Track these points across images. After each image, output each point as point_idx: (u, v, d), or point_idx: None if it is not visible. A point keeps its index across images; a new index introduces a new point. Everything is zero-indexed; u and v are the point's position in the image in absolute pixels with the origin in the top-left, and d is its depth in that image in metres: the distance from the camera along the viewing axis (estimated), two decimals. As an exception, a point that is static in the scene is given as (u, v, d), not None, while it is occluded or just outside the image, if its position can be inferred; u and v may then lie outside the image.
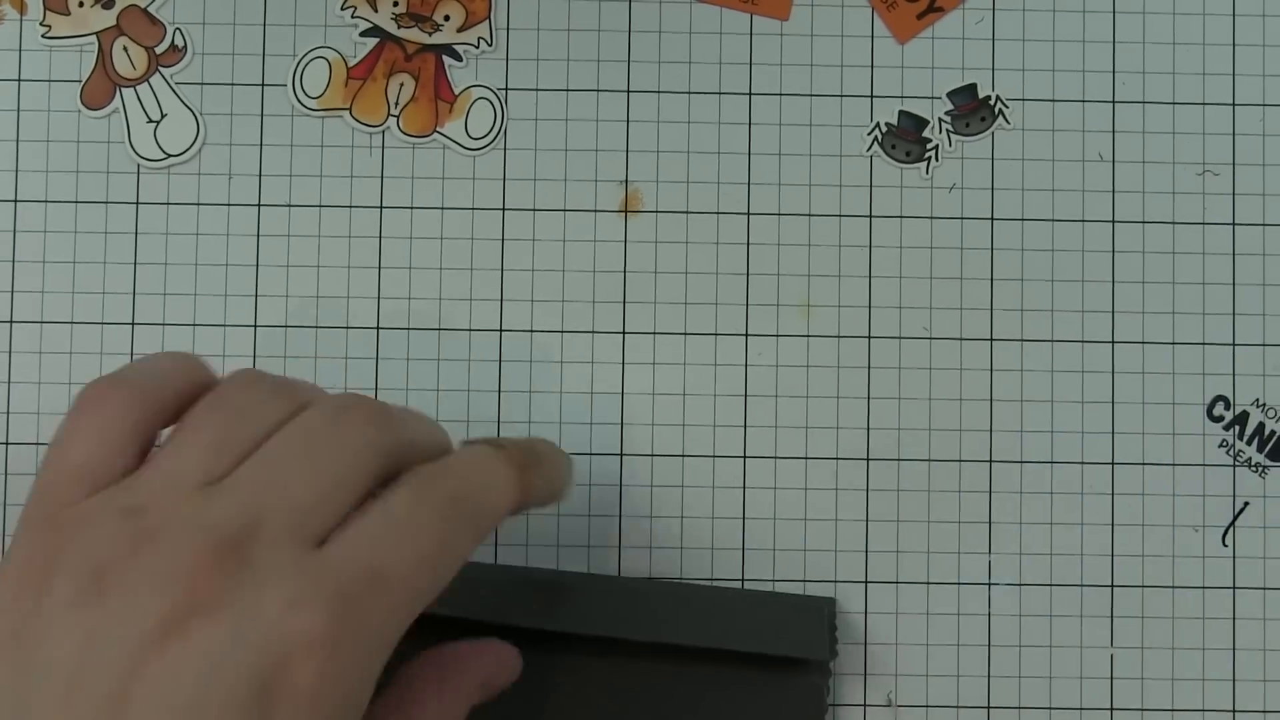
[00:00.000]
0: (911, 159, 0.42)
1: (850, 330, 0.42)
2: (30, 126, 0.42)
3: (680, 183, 0.42)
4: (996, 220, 0.42)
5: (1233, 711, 0.42)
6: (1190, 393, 0.42)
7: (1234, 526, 0.42)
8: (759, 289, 0.42)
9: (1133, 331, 0.42)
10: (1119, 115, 0.43)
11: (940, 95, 0.43)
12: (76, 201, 0.42)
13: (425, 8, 0.42)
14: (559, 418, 0.42)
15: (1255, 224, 0.42)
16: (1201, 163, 0.43)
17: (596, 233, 0.42)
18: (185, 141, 0.42)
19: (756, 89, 0.43)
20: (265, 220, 0.42)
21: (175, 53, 0.42)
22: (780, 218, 0.42)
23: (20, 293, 0.42)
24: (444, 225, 0.42)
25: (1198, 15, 0.43)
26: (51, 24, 0.42)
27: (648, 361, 0.42)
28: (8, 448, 0.41)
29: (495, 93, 0.42)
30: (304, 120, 0.42)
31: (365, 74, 0.42)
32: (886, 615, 0.41)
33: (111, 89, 0.42)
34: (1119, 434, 0.42)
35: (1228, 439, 0.42)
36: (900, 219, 0.42)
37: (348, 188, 0.42)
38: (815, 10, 0.43)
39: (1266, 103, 0.43)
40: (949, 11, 0.43)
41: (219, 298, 0.42)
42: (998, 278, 0.42)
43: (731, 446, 0.42)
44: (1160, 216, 0.42)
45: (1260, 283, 0.42)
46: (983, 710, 0.41)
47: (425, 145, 0.42)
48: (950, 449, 0.42)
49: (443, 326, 0.42)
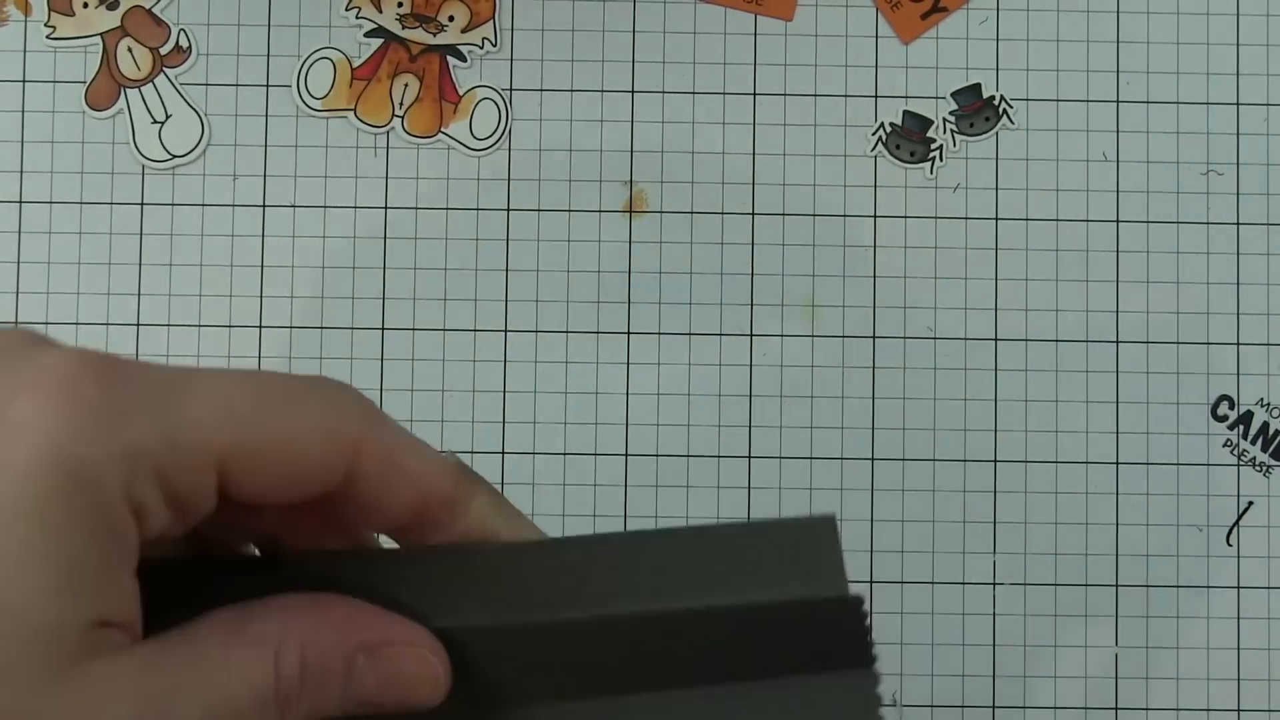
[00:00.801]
0: (916, 159, 0.42)
1: (855, 330, 0.42)
2: (35, 127, 0.42)
3: (685, 183, 0.42)
4: (1001, 220, 0.42)
5: (1237, 711, 0.42)
6: (1195, 392, 0.42)
7: (1238, 526, 0.42)
8: (763, 289, 0.42)
9: (1137, 331, 0.42)
10: (1123, 115, 0.43)
11: (945, 95, 0.43)
12: (81, 203, 0.42)
13: (430, 8, 0.42)
14: (564, 418, 0.42)
15: (1260, 223, 0.42)
16: (1206, 162, 0.43)
17: (601, 233, 0.42)
18: (190, 142, 0.42)
19: (761, 89, 0.43)
20: (270, 221, 0.42)
21: (180, 53, 0.42)
22: (785, 218, 0.42)
23: (25, 294, 0.42)
24: (448, 226, 0.42)
25: (1202, 15, 0.43)
26: (56, 25, 0.42)
27: (652, 362, 0.42)
28: (13, 449, 0.41)
29: (500, 93, 0.42)
30: (309, 121, 0.42)
31: (370, 75, 0.42)
32: (891, 615, 0.41)
33: (116, 90, 0.42)
34: (1123, 434, 0.42)
35: (1232, 439, 0.42)
36: (905, 219, 0.42)
37: (352, 188, 0.42)
38: (819, 11, 0.43)
39: (1270, 102, 0.43)
40: (953, 12, 0.43)
41: (224, 298, 0.42)
42: (1002, 277, 0.42)
43: (736, 447, 0.42)
44: (1165, 216, 0.42)
45: (1265, 282, 0.42)
46: (987, 710, 0.41)
47: (430, 146, 0.42)
48: (955, 449, 0.42)
49: (448, 327, 0.42)
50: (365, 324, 0.42)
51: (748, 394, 0.42)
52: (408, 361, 0.42)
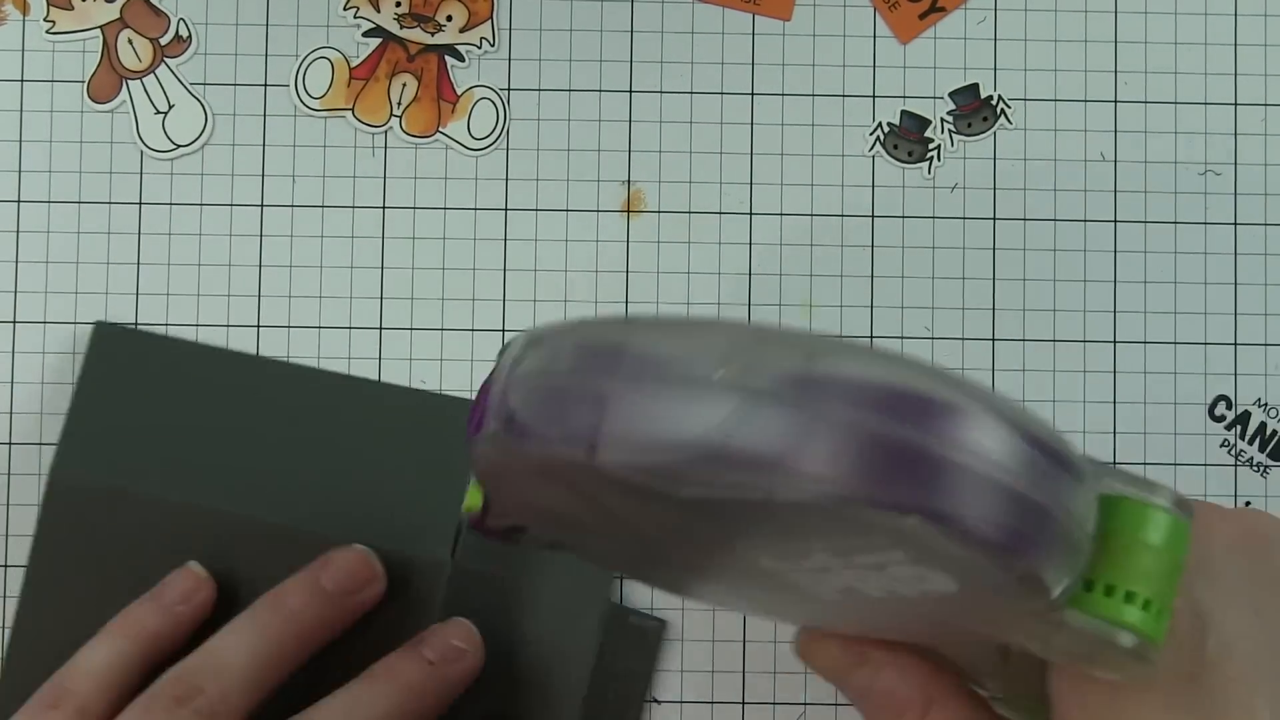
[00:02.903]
0: (914, 159, 0.42)
1: (853, 330, 0.42)
2: (33, 127, 0.42)
3: (683, 183, 0.42)
4: (999, 220, 0.42)
5: (1234, 710, 0.42)
6: (1192, 392, 0.42)
7: (1235, 526, 0.42)
8: (761, 289, 0.42)
9: (1135, 331, 0.42)
10: (1121, 115, 0.43)
11: (942, 95, 0.43)
12: (80, 202, 0.42)
13: (428, 8, 0.42)
14: (561, 418, 0.42)
15: (1257, 223, 0.43)
16: (1204, 162, 0.43)
17: (599, 233, 0.42)
18: (194, 131, 0.42)
19: (759, 89, 0.43)
20: (268, 220, 0.42)
21: (180, 43, 0.42)
22: (782, 218, 0.42)
23: (24, 293, 0.42)
24: (446, 225, 0.42)
25: (1200, 15, 0.43)
26: (55, 19, 0.42)
27: (650, 361, 0.42)
28: (10, 448, 0.41)
29: (498, 93, 0.42)
30: (306, 120, 0.42)
31: (368, 74, 0.42)
32: (888, 615, 0.41)
33: (118, 82, 0.42)
34: (1121, 434, 0.42)
35: (1229, 439, 0.42)
36: (902, 219, 0.42)
37: (350, 188, 0.42)
38: (817, 10, 0.43)
39: (1268, 102, 0.43)
40: (951, 11, 0.43)
41: (222, 298, 0.42)
42: (1000, 277, 0.42)
43: (734, 446, 0.42)
44: (1162, 216, 0.42)
45: (1262, 282, 0.42)
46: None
47: (428, 145, 0.42)
48: (952, 449, 0.42)
49: (445, 327, 0.42)
50: (363, 324, 0.42)
51: (745, 393, 0.42)
52: (405, 361, 0.42)
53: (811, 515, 0.21)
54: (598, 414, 0.21)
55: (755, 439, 0.20)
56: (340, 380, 0.41)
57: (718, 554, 0.25)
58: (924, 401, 0.21)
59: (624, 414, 0.21)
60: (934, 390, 0.21)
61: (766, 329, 0.22)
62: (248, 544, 0.39)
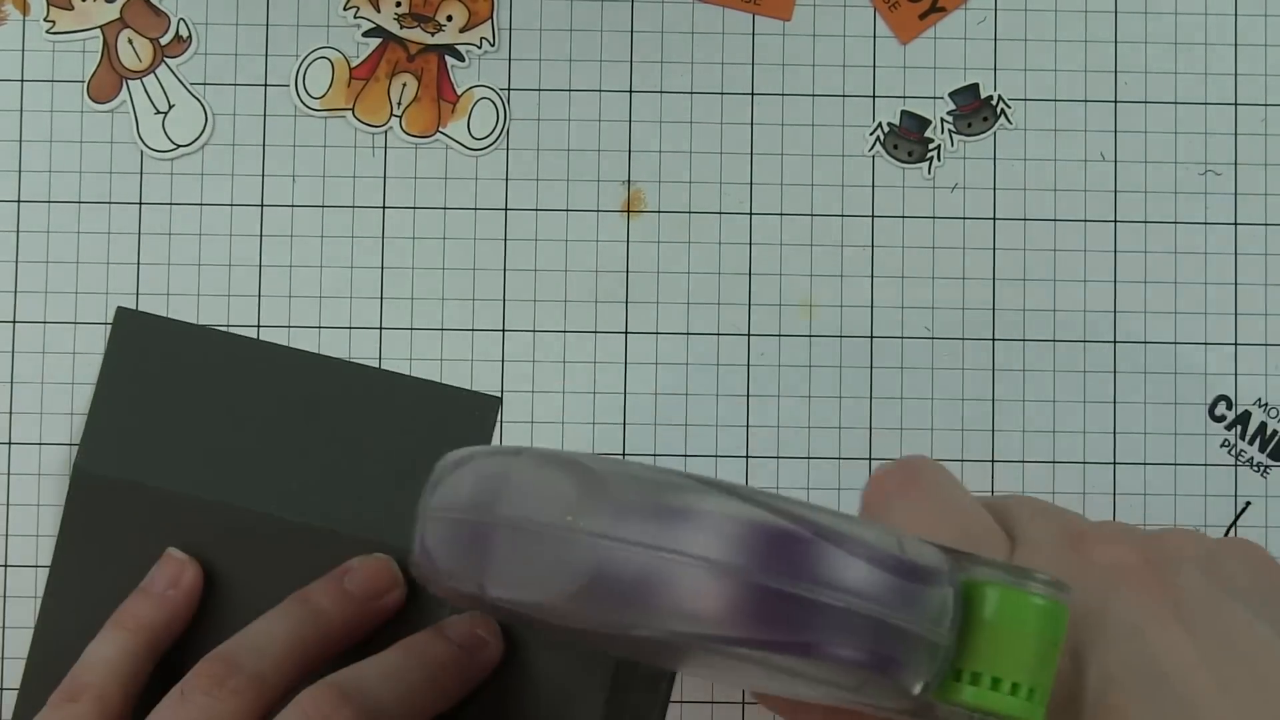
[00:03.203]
0: (914, 159, 0.42)
1: (852, 330, 0.42)
2: (33, 127, 0.42)
3: (683, 183, 0.42)
4: (999, 220, 0.42)
5: (1234, 711, 0.42)
6: (1192, 393, 0.42)
7: (1236, 526, 0.42)
8: (761, 289, 0.42)
9: (1135, 331, 0.42)
10: (1121, 115, 0.43)
11: (942, 95, 0.43)
12: (80, 202, 0.42)
13: (428, 8, 0.42)
14: (561, 417, 0.42)
15: (1258, 224, 0.43)
16: (1204, 162, 0.43)
17: (599, 233, 0.42)
18: (194, 131, 0.42)
19: (759, 89, 0.43)
20: (268, 220, 0.42)
21: (180, 43, 0.42)
22: (783, 218, 0.42)
23: (24, 293, 0.42)
24: (446, 225, 0.42)
25: (1200, 15, 0.43)
26: (55, 19, 0.42)
27: (650, 361, 0.42)
28: (10, 448, 0.41)
29: (498, 93, 0.42)
30: (307, 120, 0.42)
31: (368, 74, 0.42)
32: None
33: (118, 82, 0.42)
34: (1121, 434, 0.42)
35: (1230, 439, 0.42)
36: (902, 219, 0.42)
37: (350, 188, 0.42)
38: (817, 10, 0.43)
39: (1269, 102, 0.43)
40: (951, 11, 0.43)
41: (222, 298, 0.42)
42: (1000, 278, 0.42)
43: (734, 447, 0.42)
44: (1163, 216, 0.42)
45: (1262, 282, 0.42)
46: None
47: (428, 145, 0.42)
48: (953, 449, 0.42)
49: (446, 327, 0.42)
50: (363, 324, 0.42)
51: (746, 394, 0.42)
52: (405, 361, 0.42)
53: (681, 643, 0.22)
54: (482, 554, 0.24)
55: (612, 582, 0.22)
56: (359, 371, 0.41)
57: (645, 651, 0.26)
58: (776, 534, 0.22)
59: (504, 555, 0.23)
60: (784, 524, 0.22)
61: (632, 467, 0.24)
62: (269, 542, 0.40)
